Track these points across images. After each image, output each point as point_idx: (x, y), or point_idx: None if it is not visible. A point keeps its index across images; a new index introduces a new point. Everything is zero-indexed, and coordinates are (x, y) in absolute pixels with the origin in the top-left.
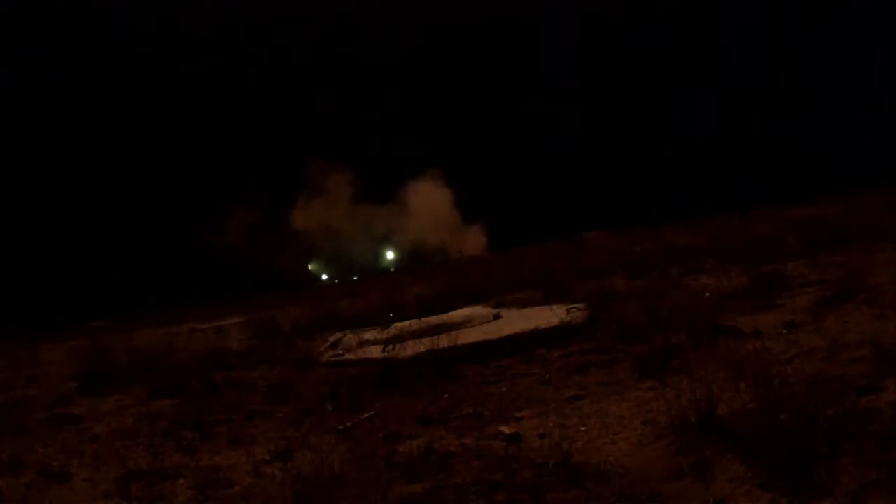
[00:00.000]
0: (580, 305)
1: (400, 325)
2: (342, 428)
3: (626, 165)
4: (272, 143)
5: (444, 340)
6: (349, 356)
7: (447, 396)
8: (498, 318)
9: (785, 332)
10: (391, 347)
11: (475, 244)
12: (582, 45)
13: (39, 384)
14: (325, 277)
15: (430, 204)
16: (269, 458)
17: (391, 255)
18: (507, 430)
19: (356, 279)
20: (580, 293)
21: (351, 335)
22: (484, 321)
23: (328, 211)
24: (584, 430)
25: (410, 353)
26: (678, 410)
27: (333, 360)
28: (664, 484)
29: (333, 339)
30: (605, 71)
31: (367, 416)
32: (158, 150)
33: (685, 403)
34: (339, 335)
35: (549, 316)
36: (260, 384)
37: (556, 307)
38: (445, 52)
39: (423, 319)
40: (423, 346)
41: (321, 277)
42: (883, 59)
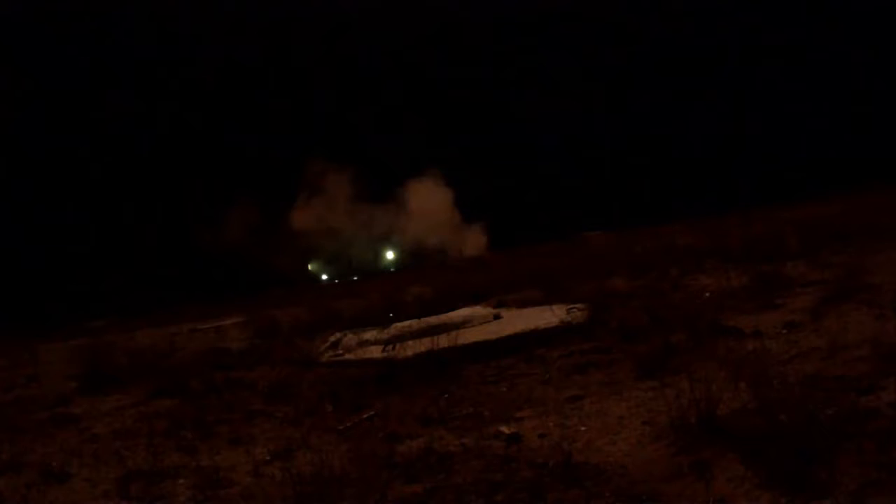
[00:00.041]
0: (580, 305)
1: (400, 325)
2: (342, 428)
3: (626, 165)
4: (272, 142)
5: (444, 340)
6: (349, 356)
7: (447, 396)
8: (498, 318)
9: (785, 332)
10: (391, 347)
11: (475, 244)
12: (582, 44)
13: (39, 384)
14: (325, 277)
15: (430, 204)
16: (269, 458)
17: (391, 255)
18: (507, 430)
19: (356, 279)
20: (580, 293)
21: (351, 335)
22: (484, 321)
23: (328, 211)
24: (584, 430)
25: (410, 353)
26: (678, 410)
27: (333, 360)
28: (664, 484)
29: (333, 339)
30: (605, 71)
31: (367, 416)
32: (158, 149)
33: (685, 403)
34: (339, 335)
35: (549, 316)
36: (260, 384)
37: (556, 307)
38: (445, 51)
39: (423, 319)
40: (423, 346)
41: (321, 277)
42: (883, 58)
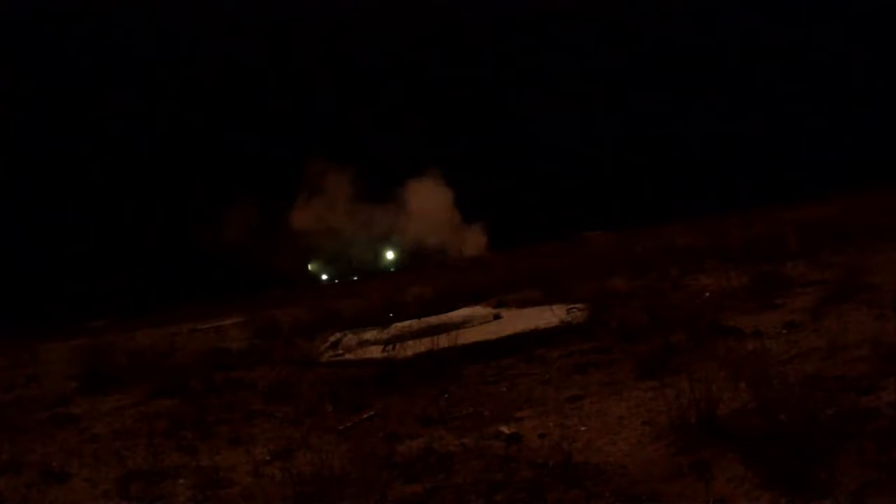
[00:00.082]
0: (580, 305)
1: (400, 325)
2: (342, 428)
3: (626, 165)
4: (272, 142)
5: (444, 340)
6: (349, 356)
7: (447, 396)
8: (498, 318)
9: (785, 332)
10: (391, 347)
11: (475, 244)
12: (582, 44)
13: (39, 384)
14: (325, 277)
15: (430, 204)
16: (269, 458)
17: (391, 255)
18: (507, 430)
19: (356, 279)
20: (580, 293)
21: (351, 335)
22: (484, 321)
23: (328, 211)
24: (584, 430)
25: (410, 353)
26: (678, 410)
27: (333, 360)
28: (664, 484)
29: (333, 339)
30: (605, 71)
31: (367, 416)
32: (158, 149)
33: (685, 403)
34: (339, 335)
35: (549, 316)
36: (260, 384)
37: (556, 307)
38: (445, 51)
39: (423, 319)
40: (423, 346)
41: (321, 277)
42: (883, 58)
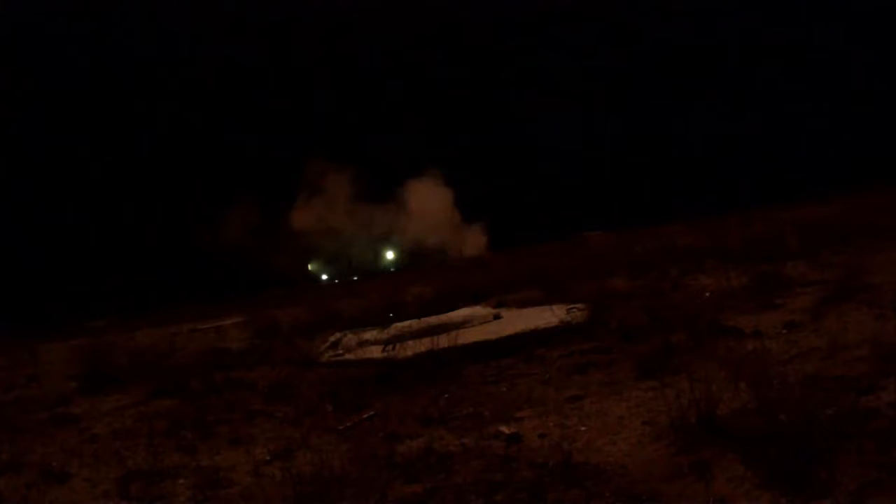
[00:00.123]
0: (580, 305)
1: (400, 325)
2: (342, 428)
3: (626, 165)
4: (272, 142)
5: (444, 340)
6: (349, 356)
7: (447, 396)
8: (498, 318)
9: (785, 332)
10: (391, 347)
11: (475, 244)
12: (582, 44)
13: (39, 384)
14: (325, 277)
15: (430, 204)
16: (269, 458)
17: (391, 254)
18: (507, 430)
19: (356, 279)
20: (580, 293)
21: (351, 335)
22: (484, 321)
23: (328, 211)
24: (584, 430)
25: (410, 353)
26: (678, 410)
27: (333, 360)
28: (664, 484)
29: (333, 339)
30: (605, 71)
31: (367, 416)
32: (158, 149)
33: (685, 403)
34: (339, 335)
35: (549, 316)
36: (260, 384)
37: (556, 307)
38: (445, 51)
39: (423, 319)
40: (423, 346)
41: (321, 277)
42: (883, 58)
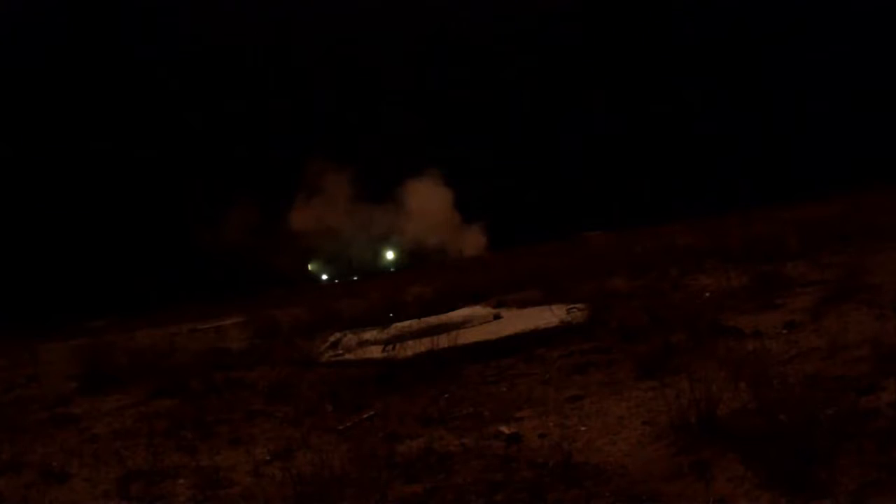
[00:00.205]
0: (580, 305)
1: (400, 325)
2: (342, 428)
3: (626, 165)
4: (272, 142)
5: (444, 340)
6: (349, 356)
7: (447, 396)
8: (498, 318)
9: (785, 332)
10: (391, 347)
11: (475, 244)
12: (581, 44)
13: (39, 384)
14: (325, 277)
15: (429, 204)
16: (269, 458)
17: (391, 255)
18: (507, 430)
19: (356, 279)
20: (580, 293)
21: (351, 335)
22: (484, 321)
23: (327, 211)
24: (584, 430)
25: (410, 353)
26: (678, 410)
27: (333, 360)
28: (664, 484)
29: (333, 339)
30: (605, 71)
31: (367, 416)
32: (158, 149)
33: (685, 403)
34: (339, 335)
35: (549, 316)
36: (260, 384)
37: (556, 307)
38: (445, 51)
39: (423, 319)
40: (423, 346)
41: (321, 277)
42: (883, 58)
